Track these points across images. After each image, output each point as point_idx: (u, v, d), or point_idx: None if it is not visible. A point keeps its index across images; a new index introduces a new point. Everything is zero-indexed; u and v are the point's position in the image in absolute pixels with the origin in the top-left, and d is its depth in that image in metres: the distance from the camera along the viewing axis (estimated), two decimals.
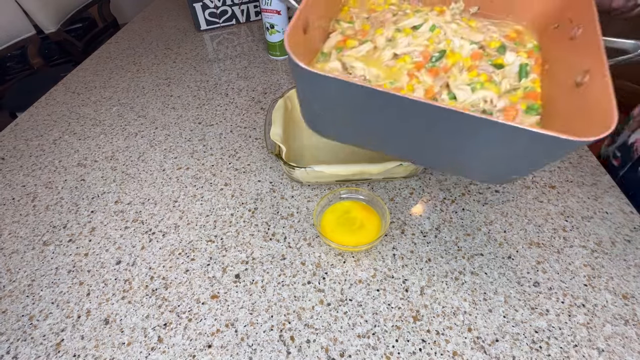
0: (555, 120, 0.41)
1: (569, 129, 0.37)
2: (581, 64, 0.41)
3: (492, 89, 0.45)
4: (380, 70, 0.49)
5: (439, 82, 0.47)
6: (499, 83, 0.47)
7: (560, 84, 0.43)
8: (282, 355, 0.42)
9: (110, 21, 1.74)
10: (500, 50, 0.50)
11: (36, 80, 1.46)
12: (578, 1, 0.45)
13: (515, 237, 0.52)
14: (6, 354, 0.44)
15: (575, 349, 0.41)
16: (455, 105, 0.44)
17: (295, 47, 0.40)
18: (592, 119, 0.36)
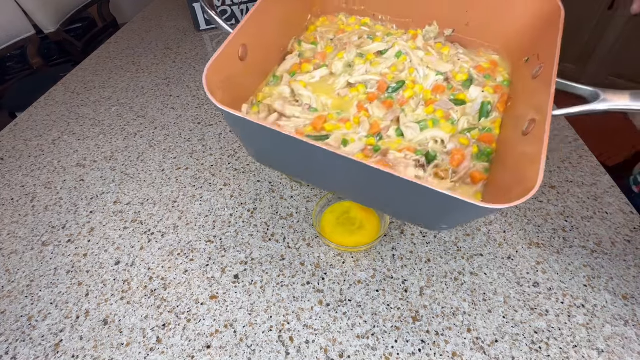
0: (501, 170, 0.39)
1: (505, 185, 0.35)
2: (531, 110, 0.39)
3: (444, 129, 0.43)
4: (330, 98, 0.48)
5: (391, 115, 0.45)
6: (456, 121, 0.45)
7: (515, 128, 0.41)
8: (281, 355, 0.42)
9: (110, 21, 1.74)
10: (466, 84, 0.48)
11: (36, 80, 1.46)
12: (546, 36, 0.43)
13: (515, 237, 0.52)
14: (5, 355, 0.44)
15: (575, 350, 0.41)
16: (402, 142, 0.43)
17: (223, 80, 0.39)
18: (520, 179, 0.34)
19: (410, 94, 0.47)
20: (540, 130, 0.34)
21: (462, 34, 0.54)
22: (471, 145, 0.42)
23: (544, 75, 0.39)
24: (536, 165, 0.32)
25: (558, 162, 0.62)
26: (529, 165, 0.34)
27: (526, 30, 0.47)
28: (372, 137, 0.43)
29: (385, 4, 0.57)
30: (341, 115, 0.46)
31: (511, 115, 0.44)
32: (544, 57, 0.42)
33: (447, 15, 0.53)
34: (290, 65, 0.51)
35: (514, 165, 0.36)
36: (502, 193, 0.35)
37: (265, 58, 0.49)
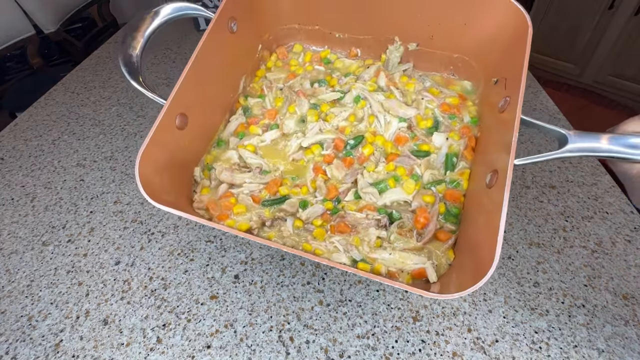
0: (471, 227, 0.36)
1: (476, 243, 0.33)
2: (494, 158, 0.36)
3: (407, 188, 0.41)
4: (283, 163, 0.46)
5: (350, 177, 0.43)
6: (420, 176, 0.42)
7: (481, 179, 0.37)
8: (282, 355, 0.42)
9: (110, 21, 1.74)
10: (430, 131, 0.45)
11: (36, 80, 1.46)
12: (514, 55, 0.38)
13: (515, 237, 0.52)
14: (5, 355, 0.44)
15: (575, 350, 0.41)
16: (361, 203, 0.41)
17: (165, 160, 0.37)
18: (480, 250, 0.31)
19: (370, 150, 0.45)
20: (500, 190, 0.30)
21: (427, 47, 0.50)
22: (437, 203, 0.40)
23: (509, 111, 0.35)
24: (493, 238, 0.29)
25: (558, 162, 0.62)
26: (487, 236, 0.30)
27: (493, 45, 0.43)
28: (329, 202, 0.42)
29: (341, 21, 0.52)
30: (296, 181, 0.44)
31: (479, 161, 0.41)
32: (510, 86, 0.37)
33: (409, 29, 0.49)
34: (236, 127, 0.49)
35: (481, 225, 0.34)
36: (472, 254, 0.33)
37: (211, 115, 0.46)
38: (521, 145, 0.66)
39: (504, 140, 0.33)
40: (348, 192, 0.43)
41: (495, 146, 0.37)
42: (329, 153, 0.46)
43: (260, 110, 0.51)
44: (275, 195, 0.44)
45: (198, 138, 0.44)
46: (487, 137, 0.40)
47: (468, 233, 0.36)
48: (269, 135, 0.47)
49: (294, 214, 0.42)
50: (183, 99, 0.39)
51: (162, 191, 0.36)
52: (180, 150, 0.41)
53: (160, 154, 0.37)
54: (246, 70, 0.52)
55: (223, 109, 0.49)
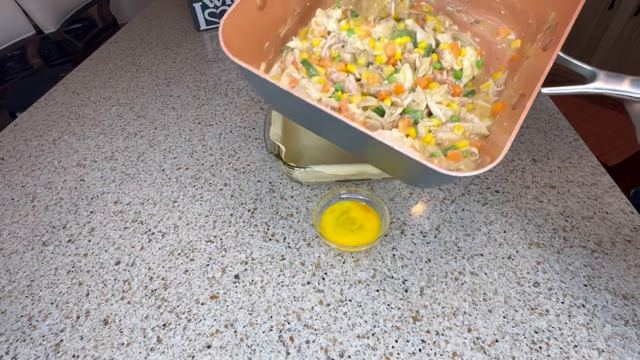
0: (490, 140, 0.39)
1: (487, 152, 0.35)
2: (523, 84, 0.38)
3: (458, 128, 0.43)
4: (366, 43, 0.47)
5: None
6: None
7: (510, 98, 0.41)
8: (282, 355, 0.42)
9: (110, 21, 1.74)
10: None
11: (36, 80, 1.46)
12: (568, 4, 0.40)
13: (515, 237, 0.52)
14: (5, 355, 0.44)
15: (575, 350, 0.41)
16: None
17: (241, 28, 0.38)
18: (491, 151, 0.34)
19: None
20: (522, 106, 0.33)
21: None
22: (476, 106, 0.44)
23: (550, 49, 0.38)
24: (505, 137, 0.31)
25: (558, 162, 0.62)
26: (498, 145, 0.33)
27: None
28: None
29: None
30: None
31: (513, 89, 0.43)
32: (559, 29, 0.40)
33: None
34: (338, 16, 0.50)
35: (499, 135, 0.36)
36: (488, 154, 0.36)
37: (284, 8, 0.48)
38: (521, 145, 0.66)
39: (538, 70, 0.36)
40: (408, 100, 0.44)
41: (529, 77, 0.39)
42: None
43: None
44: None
45: (269, 25, 0.46)
46: (525, 73, 0.42)
47: (491, 140, 0.39)
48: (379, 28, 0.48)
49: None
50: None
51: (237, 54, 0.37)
52: (255, 28, 0.43)
53: (239, 25, 0.39)
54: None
55: (294, 9, 0.50)
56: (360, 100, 0.43)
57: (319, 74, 0.45)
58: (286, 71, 0.46)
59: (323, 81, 0.45)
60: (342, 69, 0.46)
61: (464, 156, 0.39)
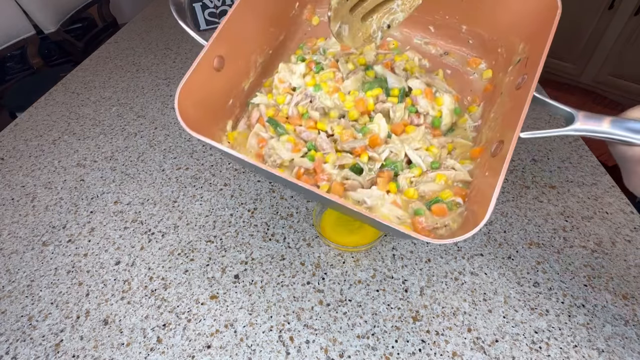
0: (473, 192, 0.38)
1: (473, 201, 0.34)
2: (500, 127, 0.37)
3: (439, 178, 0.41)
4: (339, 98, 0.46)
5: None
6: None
7: (489, 142, 0.39)
8: (282, 355, 0.42)
9: (110, 21, 1.74)
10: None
11: (36, 80, 1.46)
12: (539, 35, 0.39)
13: (515, 237, 0.52)
14: (5, 355, 0.44)
15: (575, 350, 0.41)
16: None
17: (199, 94, 0.37)
18: (477, 199, 0.33)
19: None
20: (502, 155, 0.32)
21: (453, 18, 0.49)
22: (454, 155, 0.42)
23: (524, 88, 0.36)
24: (487, 198, 0.30)
25: (558, 162, 0.62)
26: (481, 200, 0.32)
27: (520, 23, 0.43)
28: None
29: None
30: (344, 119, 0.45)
31: (489, 133, 0.42)
32: (530, 64, 0.38)
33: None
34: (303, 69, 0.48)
35: (482, 187, 0.35)
36: (472, 213, 0.35)
37: (246, 62, 0.46)
38: (521, 146, 0.66)
39: (514, 114, 0.35)
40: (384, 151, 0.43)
41: (506, 119, 0.38)
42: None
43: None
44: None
45: (230, 83, 0.45)
46: (500, 111, 0.41)
47: (475, 187, 0.38)
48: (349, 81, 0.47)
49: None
50: (222, 42, 0.41)
51: (196, 125, 0.37)
52: (215, 91, 0.42)
53: (197, 91, 0.38)
54: (282, 30, 0.51)
55: (256, 60, 0.49)
56: (335, 158, 0.41)
57: (288, 132, 0.44)
58: (253, 130, 0.44)
59: (293, 140, 0.43)
60: (312, 126, 0.44)
61: (449, 209, 0.38)
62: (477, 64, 0.49)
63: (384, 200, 0.39)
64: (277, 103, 0.47)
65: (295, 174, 0.42)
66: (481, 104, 0.46)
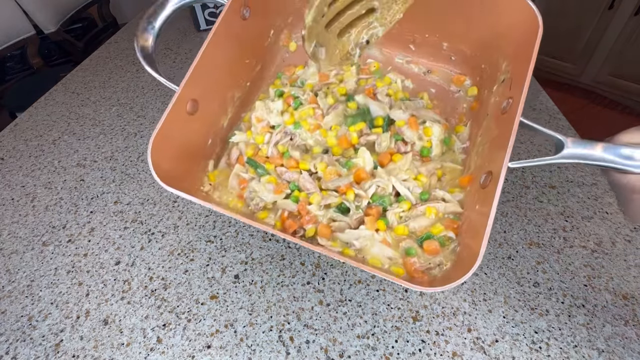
0: (465, 226, 0.37)
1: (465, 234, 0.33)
2: (488, 155, 0.36)
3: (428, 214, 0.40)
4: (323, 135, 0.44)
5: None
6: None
7: (477, 169, 0.38)
8: (282, 355, 0.42)
9: (110, 21, 1.74)
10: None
11: (36, 80, 1.46)
12: (521, 54, 0.36)
13: (515, 237, 0.52)
14: (5, 355, 0.44)
15: (575, 350, 0.41)
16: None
17: (174, 141, 0.37)
18: (469, 232, 0.32)
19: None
20: (491, 190, 0.30)
21: (433, 36, 0.48)
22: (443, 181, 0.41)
23: (510, 113, 0.35)
24: (478, 240, 0.29)
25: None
26: (473, 237, 0.31)
27: (500, 42, 0.41)
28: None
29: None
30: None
31: (477, 160, 0.40)
32: (515, 86, 0.36)
33: (421, 18, 0.46)
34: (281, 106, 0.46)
35: (473, 222, 0.34)
36: (464, 249, 0.34)
37: (222, 103, 0.45)
38: (521, 145, 0.66)
39: (501, 142, 0.33)
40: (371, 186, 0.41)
41: (493, 146, 0.37)
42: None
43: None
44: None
45: (207, 123, 0.44)
46: (488, 136, 0.40)
47: (467, 218, 0.37)
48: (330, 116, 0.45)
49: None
50: (195, 85, 0.40)
51: (173, 174, 0.36)
52: (191, 134, 0.41)
53: (172, 138, 0.38)
54: (260, 55, 0.50)
55: (233, 96, 0.48)
56: (320, 199, 0.40)
57: (269, 172, 0.42)
58: (233, 171, 0.43)
59: (274, 180, 0.42)
60: (294, 166, 0.43)
61: (442, 245, 0.37)
62: (462, 81, 0.48)
63: (373, 241, 0.38)
64: (256, 143, 0.45)
65: (279, 217, 0.41)
66: (468, 124, 0.45)
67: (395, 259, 0.37)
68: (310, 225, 0.39)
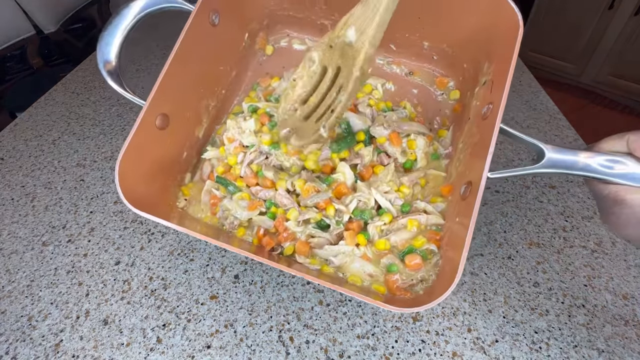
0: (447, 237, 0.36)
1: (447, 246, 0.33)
2: (468, 163, 0.35)
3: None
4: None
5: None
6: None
7: (459, 176, 0.37)
8: (281, 355, 0.42)
9: None
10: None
11: (36, 80, 1.46)
12: (502, 55, 0.35)
13: (515, 237, 0.52)
14: (5, 355, 0.44)
15: (575, 350, 0.41)
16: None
17: (145, 158, 0.36)
18: (451, 243, 0.31)
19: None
20: (471, 202, 0.29)
21: (414, 35, 0.47)
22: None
23: (490, 120, 0.33)
24: (459, 252, 0.28)
25: None
26: (455, 248, 0.30)
27: (481, 42, 0.40)
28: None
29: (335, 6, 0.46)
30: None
31: (458, 167, 0.40)
32: (495, 89, 0.35)
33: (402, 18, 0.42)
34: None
35: (454, 233, 0.33)
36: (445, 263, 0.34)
37: (194, 114, 0.44)
38: (521, 145, 0.66)
39: (481, 150, 0.32)
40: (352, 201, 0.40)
41: (474, 154, 0.36)
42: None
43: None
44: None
45: (180, 137, 0.43)
46: (469, 141, 0.39)
47: (449, 230, 0.36)
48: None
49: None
50: (163, 99, 0.38)
51: (146, 192, 0.35)
52: (163, 149, 0.40)
53: (142, 156, 0.36)
54: (232, 61, 0.49)
55: (208, 105, 0.46)
56: (297, 214, 0.38)
57: (241, 189, 0.41)
58: (205, 188, 0.42)
59: (248, 196, 0.40)
60: (269, 185, 0.41)
61: (424, 259, 0.36)
62: (445, 83, 0.47)
63: (353, 257, 0.37)
64: (229, 164, 0.44)
65: (255, 235, 0.39)
66: (450, 127, 0.45)
67: (377, 276, 0.36)
68: (289, 243, 0.38)
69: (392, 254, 0.37)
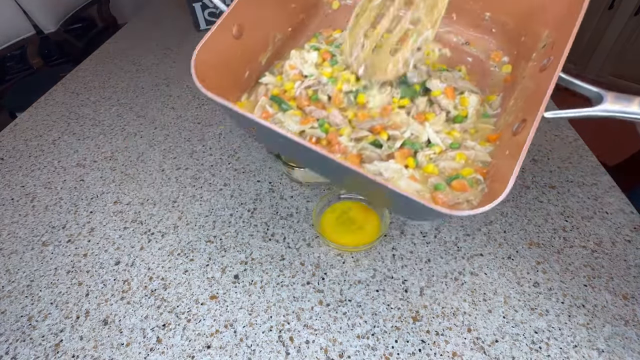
0: (494, 169, 0.37)
1: (493, 179, 0.33)
2: (523, 107, 0.36)
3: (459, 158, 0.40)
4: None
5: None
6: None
7: (509, 125, 0.38)
8: (281, 356, 0.42)
9: (110, 21, 1.74)
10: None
11: (36, 80, 1.46)
12: (566, 18, 0.37)
13: (515, 237, 0.52)
14: (5, 355, 0.44)
15: (575, 350, 0.41)
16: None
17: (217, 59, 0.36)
18: (497, 177, 0.32)
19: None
20: (524, 134, 0.31)
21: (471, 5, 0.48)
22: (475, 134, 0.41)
23: (549, 69, 0.35)
24: (511, 163, 0.30)
25: (558, 162, 0.62)
26: (500, 181, 0.31)
27: (547, 9, 0.41)
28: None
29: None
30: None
31: (512, 113, 0.41)
32: (557, 47, 0.37)
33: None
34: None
35: (503, 164, 0.34)
36: (493, 186, 0.34)
37: (265, 34, 0.45)
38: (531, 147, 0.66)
39: (538, 95, 0.33)
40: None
41: (528, 101, 0.37)
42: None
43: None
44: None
45: (248, 54, 0.44)
46: (522, 95, 0.40)
47: (496, 166, 0.37)
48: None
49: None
50: (243, 10, 0.39)
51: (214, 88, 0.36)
52: (232, 60, 0.41)
53: (215, 55, 0.37)
54: (303, 8, 0.49)
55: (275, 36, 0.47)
56: (350, 131, 0.38)
57: (293, 108, 0.41)
58: (259, 103, 0.42)
59: (300, 113, 0.41)
60: (321, 108, 0.41)
61: (470, 186, 0.36)
62: (499, 58, 0.48)
63: (401, 174, 0.37)
64: (285, 89, 0.44)
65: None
66: (500, 94, 0.45)
67: (423, 193, 0.37)
68: (340, 155, 0.38)
69: (440, 177, 0.38)
